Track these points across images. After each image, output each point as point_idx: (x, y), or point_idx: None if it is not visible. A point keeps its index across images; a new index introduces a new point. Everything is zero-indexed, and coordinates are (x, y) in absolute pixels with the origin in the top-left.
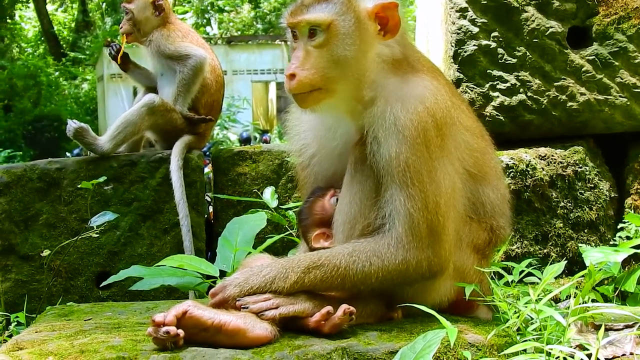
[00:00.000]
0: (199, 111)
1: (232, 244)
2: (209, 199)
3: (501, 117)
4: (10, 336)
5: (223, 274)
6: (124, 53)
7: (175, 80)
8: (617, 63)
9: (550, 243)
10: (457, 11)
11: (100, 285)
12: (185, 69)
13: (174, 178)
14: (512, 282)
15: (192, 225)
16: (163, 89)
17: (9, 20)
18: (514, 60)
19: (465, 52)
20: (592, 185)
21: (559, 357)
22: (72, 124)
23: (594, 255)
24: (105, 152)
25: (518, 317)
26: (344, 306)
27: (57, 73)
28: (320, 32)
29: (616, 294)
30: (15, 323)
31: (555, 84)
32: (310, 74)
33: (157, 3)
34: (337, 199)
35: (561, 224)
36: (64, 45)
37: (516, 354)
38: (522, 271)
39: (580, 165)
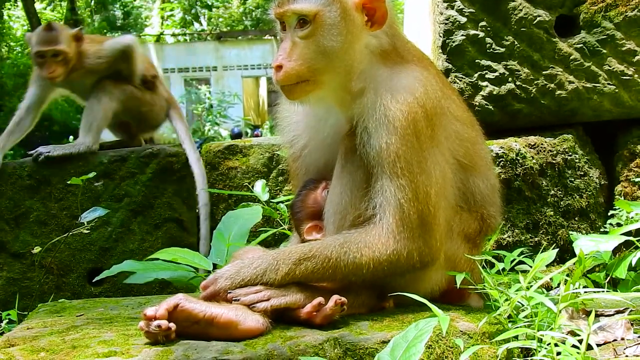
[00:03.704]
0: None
1: (225, 238)
2: None
3: (490, 107)
4: (1, 333)
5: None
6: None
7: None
8: (604, 51)
9: (541, 231)
10: (444, 1)
11: (94, 280)
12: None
13: (196, 170)
14: (503, 270)
15: (183, 219)
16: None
17: None
18: (502, 50)
19: (453, 42)
20: (582, 173)
21: (550, 343)
22: (42, 150)
23: (584, 243)
24: (90, 148)
25: (509, 304)
26: (335, 297)
27: None
28: (307, 22)
29: (607, 280)
30: (7, 321)
31: (544, 72)
32: (297, 65)
33: (78, 35)
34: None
35: (552, 212)
36: None
37: (507, 340)
38: (514, 260)
39: (570, 154)
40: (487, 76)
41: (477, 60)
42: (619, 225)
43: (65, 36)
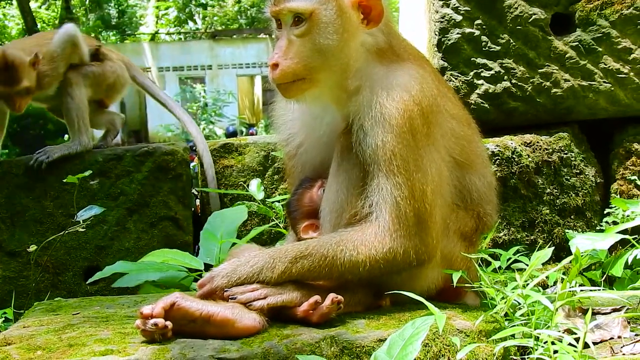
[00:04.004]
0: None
1: (216, 237)
2: (195, 193)
3: (486, 105)
4: None
5: (207, 267)
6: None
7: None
8: (600, 49)
9: (537, 230)
10: None
11: (87, 282)
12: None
13: (206, 160)
14: (499, 268)
15: (178, 218)
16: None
17: None
18: (498, 48)
19: (449, 40)
20: (578, 171)
21: (547, 341)
22: (41, 157)
23: (580, 241)
24: (86, 146)
25: (505, 302)
26: (331, 295)
27: None
28: (303, 20)
29: (603, 278)
30: (3, 319)
31: (540, 70)
32: (293, 63)
33: (35, 61)
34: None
35: (548, 211)
36: None
37: (504, 339)
38: (510, 258)
39: (566, 152)
40: (482, 74)
41: (472, 59)
42: (615, 223)
43: (25, 70)
